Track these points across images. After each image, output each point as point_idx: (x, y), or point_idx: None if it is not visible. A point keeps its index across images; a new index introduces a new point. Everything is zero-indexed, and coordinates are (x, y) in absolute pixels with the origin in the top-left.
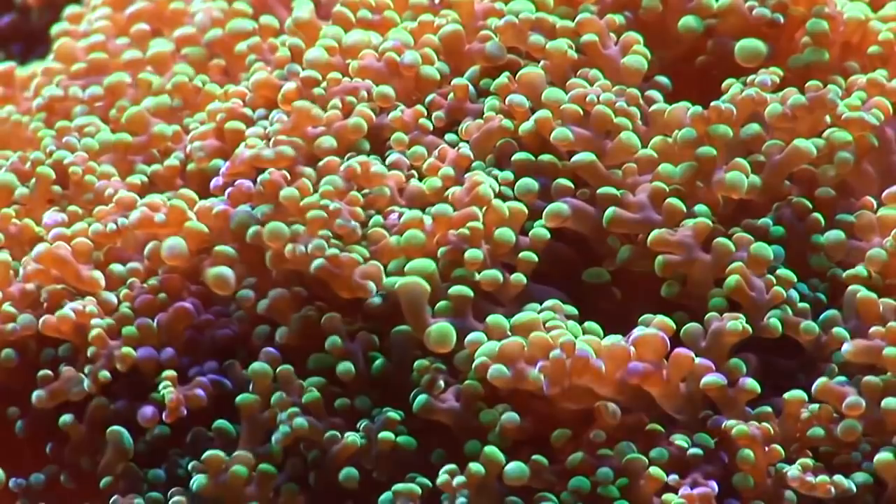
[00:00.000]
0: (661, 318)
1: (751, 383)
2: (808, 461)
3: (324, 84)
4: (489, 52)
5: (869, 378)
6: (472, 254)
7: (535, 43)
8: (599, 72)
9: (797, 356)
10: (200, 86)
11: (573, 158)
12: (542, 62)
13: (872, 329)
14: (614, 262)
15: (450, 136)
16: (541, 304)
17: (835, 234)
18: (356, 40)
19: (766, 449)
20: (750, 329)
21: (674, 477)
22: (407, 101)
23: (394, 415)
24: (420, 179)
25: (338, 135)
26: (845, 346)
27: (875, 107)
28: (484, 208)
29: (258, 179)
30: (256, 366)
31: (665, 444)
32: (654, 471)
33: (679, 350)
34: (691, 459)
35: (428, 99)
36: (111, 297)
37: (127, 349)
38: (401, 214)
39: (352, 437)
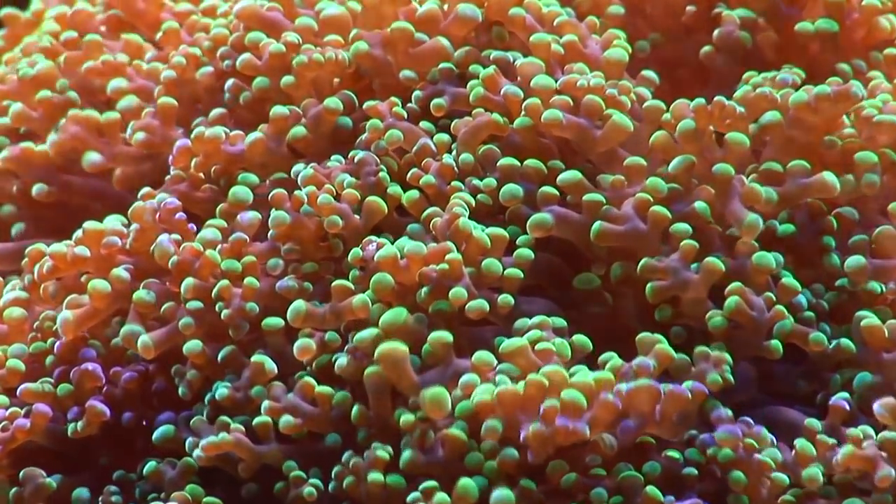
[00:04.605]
0: (659, 349)
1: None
2: None
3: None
4: (462, 14)
5: (888, 434)
6: (456, 293)
7: (516, 14)
8: (585, 66)
9: (801, 363)
10: None
11: (559, 177)
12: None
13: None
14: (603, 267)
15: (426, 125)
16: (531, 317)
17: (855, 260)
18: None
19: (756, 463)
20: (732, 380)
21: (670, 498)
22: (387, 75)
23: (382, 453)
24: (389, 175)
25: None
26: (876, 408)
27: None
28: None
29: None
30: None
31: (657, 457)
32: (651, 490)
33: (674, 388)
34: (686, 478)
35: (407, 74)
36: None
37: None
38: (379, 245)
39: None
